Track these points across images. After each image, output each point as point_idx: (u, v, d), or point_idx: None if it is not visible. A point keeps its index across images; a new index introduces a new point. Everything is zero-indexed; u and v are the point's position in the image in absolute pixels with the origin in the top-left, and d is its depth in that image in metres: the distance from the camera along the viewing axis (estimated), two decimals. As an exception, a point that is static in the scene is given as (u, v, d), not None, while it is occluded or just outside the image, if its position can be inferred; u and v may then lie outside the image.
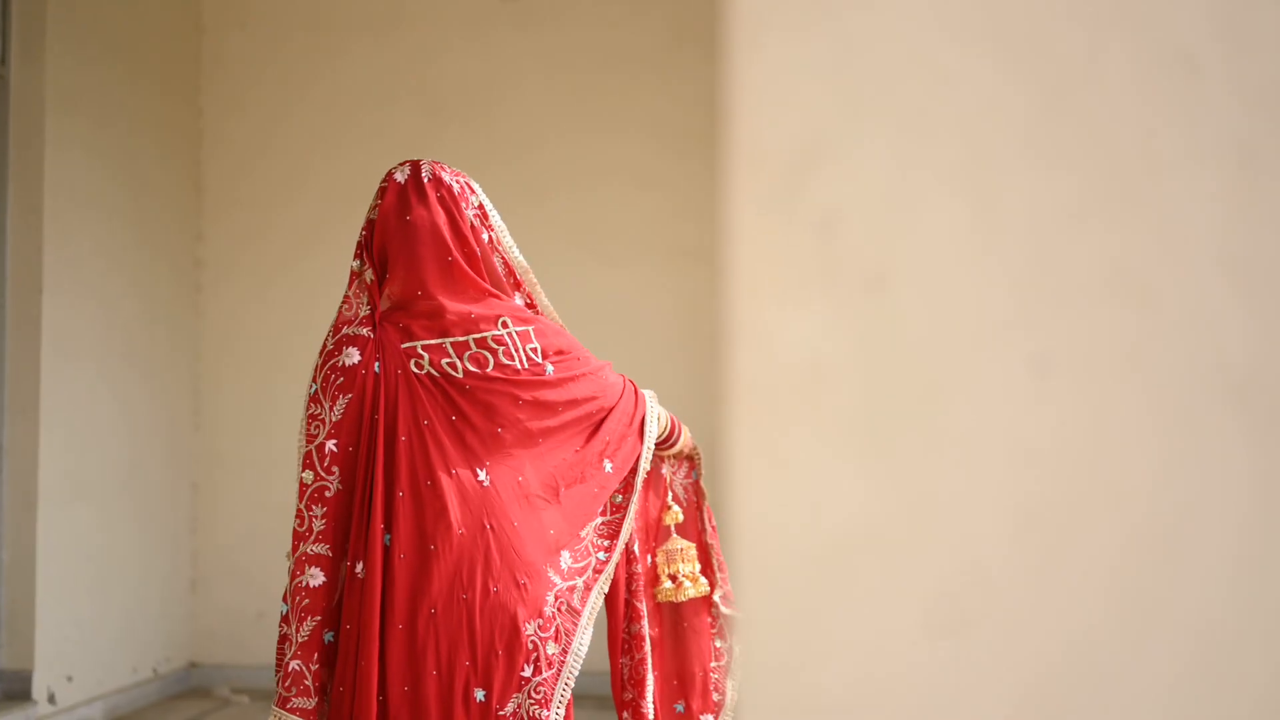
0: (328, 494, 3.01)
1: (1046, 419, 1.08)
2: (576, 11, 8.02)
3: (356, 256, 3.15)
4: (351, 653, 2.99)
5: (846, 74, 1.08)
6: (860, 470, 1.09)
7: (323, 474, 3.01)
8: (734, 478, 1.11)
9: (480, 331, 3.14)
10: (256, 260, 8.05)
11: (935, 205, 1.09)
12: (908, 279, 1.09)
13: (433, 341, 3.09)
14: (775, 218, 1.10)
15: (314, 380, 3.07)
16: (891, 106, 1.09)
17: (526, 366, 3.16)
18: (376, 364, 3.03)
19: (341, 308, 3.12)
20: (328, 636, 3.00)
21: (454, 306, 3.12)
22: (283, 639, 3.01)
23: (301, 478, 3.04)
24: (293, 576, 3.01)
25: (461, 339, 3.10)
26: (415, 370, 3.06)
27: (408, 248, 3.09)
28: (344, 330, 3.07)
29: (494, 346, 3.12)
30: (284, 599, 3.03)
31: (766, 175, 1.09)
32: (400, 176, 3.13)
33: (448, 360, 3.09)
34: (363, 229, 3.15)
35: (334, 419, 3.02)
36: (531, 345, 3.19)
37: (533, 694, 3.05)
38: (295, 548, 3.01)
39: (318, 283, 8.00)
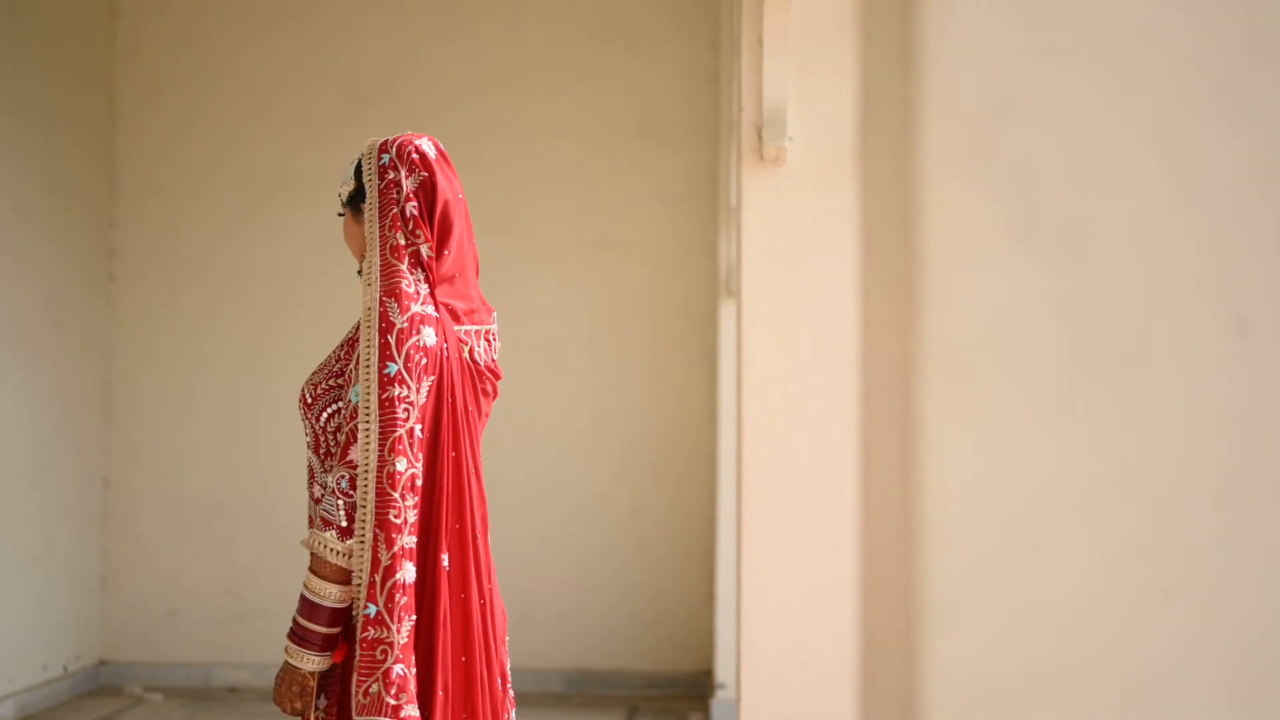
0: (418, 482, 2.85)
1: (1247, 380, 1.07)
2: (498, 0, 7.96)
3: (395, 228, 2.95)
4: (459, 653, 2.90)
5: (1043, 28, 1.07)
6: (1057, 434, 1.07)
7: (414, 461, 2.84)
8: (926, 443, 1.08)
9: (489, 322, 3.13)
10: (171, 250, 7.90)
11: (1132, 162, 1.08)
12: (1104, 237, 1.08)
13: (470, 327, 3.05)
14: (968, 175, 1.08)
15: (389, 359, 2.84)
16: (1088, 61, 1.07)
17: (497, 359, 3.17)
18: (445, 346, 2.94)
19: (400, 283, 2.91)
20: None
21: (475, 291, 3.10)
22: (376, 642, 2.77)
23: (395, 466, 2.82)
24: (388, 573, 2.79)
25: (478, 327, 3.08)
26: (463, 355, 3.01)
27: (462, 223, 3.03)
28: (413, 308, 2.90)
29: (490, 339, 3.11)
30: (373, 602, 2.79)
31: (960, 131, 1.07)
32: (430, 150, 3.04)
33: (478, 347, 3.07)
34: (405, 200, 2.96)
35: (419, 402, 2.86)
36: (499, 341, 3.22)
37: (508, 676, 3.04)
38: (390, 541, 2.79)
39: (235, 273, 7.88)
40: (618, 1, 7.92)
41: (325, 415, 2.95)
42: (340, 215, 3.10)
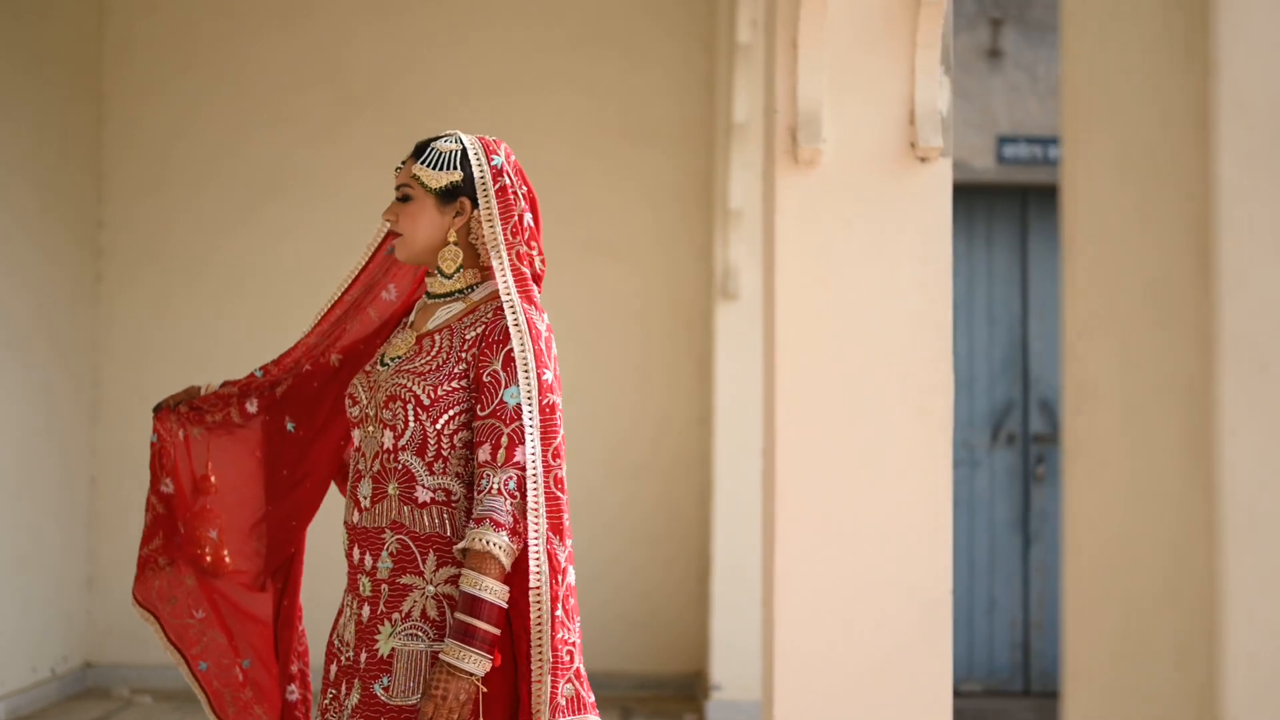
0: (567, 487, 2.87)
1: None
2: (491, 3, 7.97)
3: (517, 234, 2.96)
4: None
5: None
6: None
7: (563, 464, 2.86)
8: (1222, 440, 1.09)
9: None
10: (160, 250, 7.85)
11: None
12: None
13: None
14: (1266, 172, 1.09)
15: (544, 366, 2.83)
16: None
17: None
18: None
19: (533, 292, 2.91)
20: None
21: None
22: (564, 643, 2.76)
23: (560, 471, 2.82)
24: (564, 575, 2.79)
25: None
26: None
27: None
28: (545, 317, 2.90)
29: None
30: (559, 604, 2.76)
31: (1258, 130, 1.09)
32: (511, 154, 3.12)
33: None
34: (523, 210, 2.99)
35: (561, 408, 2.89)
36: None
37: None
38: (564, 545, 2.79)
39: (223, 273, 7.84)
40: (608, 6, 7.94)
41: (445, 418, 2.86)
42: (405, 198, 3.00)
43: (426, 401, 2.85)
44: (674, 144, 7.89)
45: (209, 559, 3.26)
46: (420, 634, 2.80)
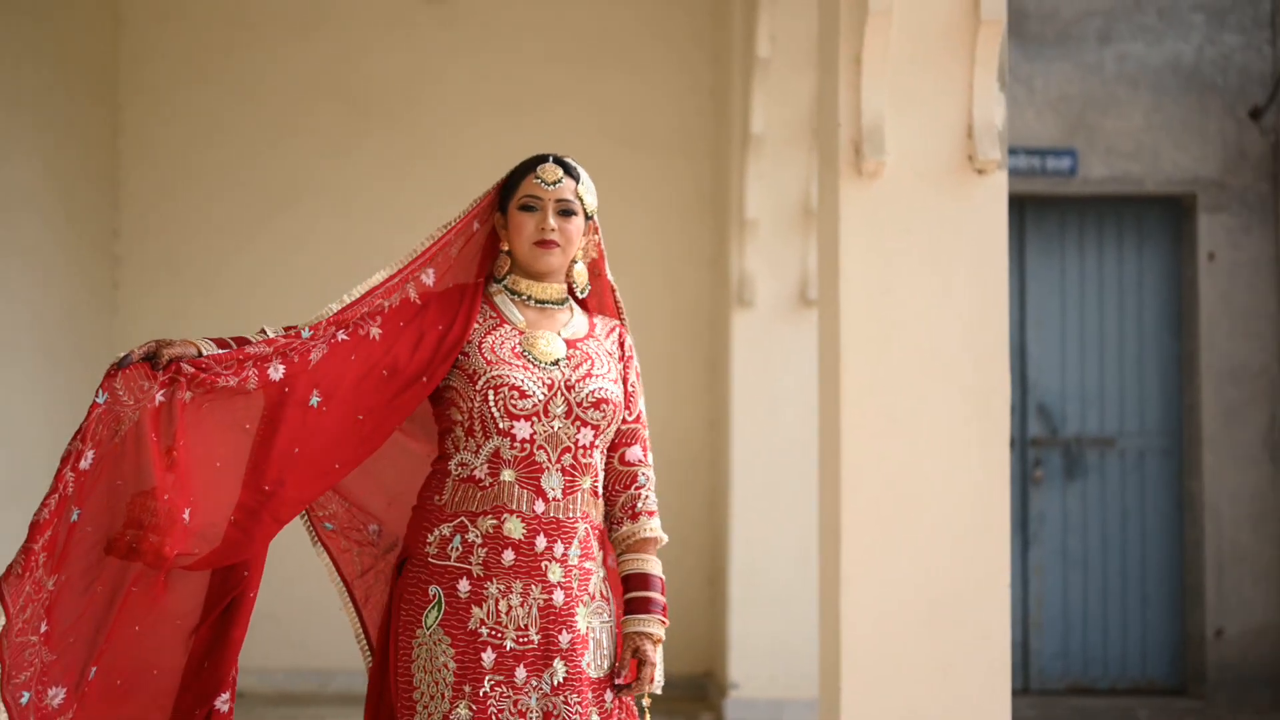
0: None
1: None
2: (499, 13, 8.08)
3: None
4: None
5: None
6: None
7: None
8: None
9: None
10: (175, 257, 7.93)
11: None
12: None
13: None
14: None
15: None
16: None
17: None
18: None
19: None
20: None
21: None
22: None
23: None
24: None
25: None
26: None
27: None
28: None
29: None
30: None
31: None
32: None
33: None
34: None
35: None
36: None
37: None
38: None
39: (237, 281, 7.93)
40: (614, 22, 8.08)
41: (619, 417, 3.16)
42: (570, 213, 3.25)
43: (615, 403, 3.14)
44: (680, 155, 8.03)
45: (149, 543, 2.86)
46: (603, 612, 3.09)
